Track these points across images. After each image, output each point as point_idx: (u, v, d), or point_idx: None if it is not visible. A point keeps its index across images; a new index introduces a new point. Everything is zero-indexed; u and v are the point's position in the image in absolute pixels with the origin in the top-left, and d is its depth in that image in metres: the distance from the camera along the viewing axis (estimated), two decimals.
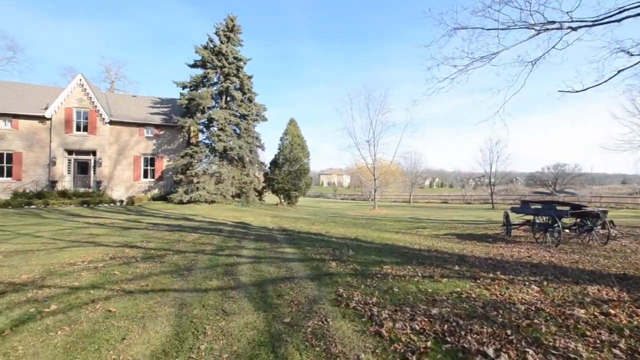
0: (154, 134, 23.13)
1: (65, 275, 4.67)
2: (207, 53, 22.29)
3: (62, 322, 3.14)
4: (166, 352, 2.62)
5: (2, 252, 6.14)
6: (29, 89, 23.00)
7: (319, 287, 4.33)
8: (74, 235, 8.17)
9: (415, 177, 46.58)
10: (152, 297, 3.83)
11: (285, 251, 6.84)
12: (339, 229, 11.79)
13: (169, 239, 7.86)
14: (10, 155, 19.71)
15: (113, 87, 42.86)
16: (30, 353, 2.58)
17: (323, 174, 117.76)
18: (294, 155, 28.13)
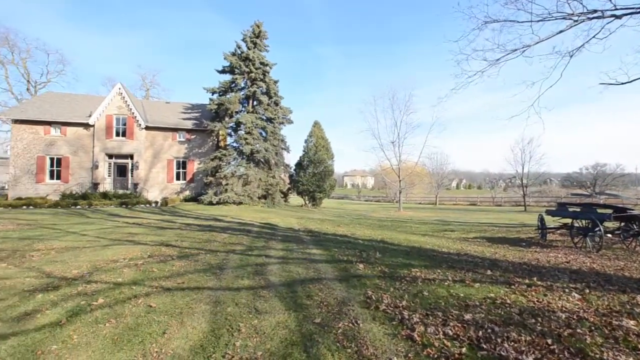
0: (186, 138, 24.08)
1: (110, 272, 4.97)
2: (235, 59, 22.92)
3: (109, 315, 3.36)
4: (204, 347, 2.73)
5: (55, 248, 6.64)
6: (75, 98, 24.73)
7: (348, 289, 4.33)
8: (115, 234, 8.67)
9: (441, 178, 45.32)
10: (188, 294, 3.99)
11: (312, 252, 6.89)
12: (365, 230, 11.70)
13: (201, 239, 8.16)
14: (60, 159, 21.26)
15: (148, 95, 45.09)
16: (83, 342, 2.78)
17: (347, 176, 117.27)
18: (319, 157, 28.27)
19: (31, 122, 20.70)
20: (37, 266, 5.23)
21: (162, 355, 2.59)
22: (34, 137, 20.77)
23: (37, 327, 3.06)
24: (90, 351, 2.65)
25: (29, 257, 5.89)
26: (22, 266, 5.23)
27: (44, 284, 4.34)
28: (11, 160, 20.55)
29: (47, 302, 3.68)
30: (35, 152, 20.79)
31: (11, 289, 4.11)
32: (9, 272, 4.90)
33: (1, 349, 2.67)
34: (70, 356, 2.57)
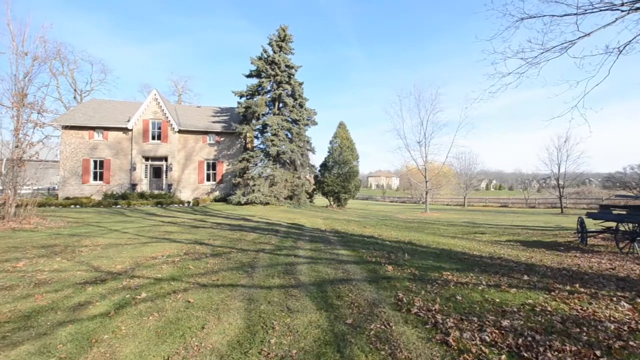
0: (215, 140, 24.88)
1: (150, 267, 5.24)
2: (262, 63, 23.41)
3: (151, 308, 3.54)
4: (240, 343, 2.81)
5: (100, 245, 7.10)
6: (115, 104, 26.31)
7: (378, 291, 4.29)
8: (153, 232, 9.12)
9: (469, 179, 43.68)
10: (223, 291, 4.13)
11: (340, 253, 6.88)
12: (391, 232, 11.52)
13: (232, 238, 8.39)
14: (102, 162, 22.70)
15: (180, 100, 47.06)
16: (131, 333, 2.96)
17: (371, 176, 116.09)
18: (344, 158, 28.21)
19: (77, 128, 22.26)
20: (86, 261, 5.61)
21: (202, 349, 2.70)
22: (80, 142, 22.31)
23: (90, 317, 3.29)
24: (137, 342, 2.81)
25: (78, 252, 6.34)
26: (74, 260, 5.64)
27: (93, 277, 4.66)
28: (61, 163, 22.19)
29: (97, 295, 3.94)
30: (81, 155, 22.32)
31: (66, 281, 4.44)
32: (63, 265, 5.30)
33: (62, 334, 2.90)
34: (120, 345, 2.74)
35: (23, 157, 10.64)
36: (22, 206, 10.55)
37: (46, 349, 2.68)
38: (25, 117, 10.73)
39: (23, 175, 10.91)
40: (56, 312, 3.42)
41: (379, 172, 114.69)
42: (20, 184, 10.73)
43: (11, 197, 10.18)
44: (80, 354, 2.60)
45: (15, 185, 10.37)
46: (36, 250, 6.47)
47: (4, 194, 10.77)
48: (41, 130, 11.74)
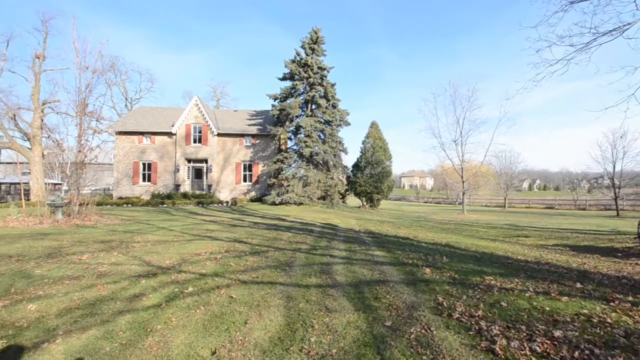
0: (251, 142, 25.69)
1: (195, 263, 5.53)
2: (295, 66, 23.79)
3: (198, 302, 3.74)
4: (281, 339, 2.88)
5: (150, 241, 7.62)
6: (161, 111, 28.11)
7: (416, 294, 4.18)
8: (196, 230, 9.61)
9: (510, 179, 40.99)
10: (263, 288, 4.25)
11: (375, 254, 6.80)
12: (427, 233, 11.17)
13: (269, 237, 8.61)
14: (150, 164, 24.38)
15: (219, 104, 49.18)
16: (180, 325, 3.14)
17: (404, 177, 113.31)
18: (376, 158, 27.83)
19: (129, 133, 24.08)
20: (139, 255, 6.05)
21: (246, 343, 2.80)
22: (130, 146, 24.12)
23: (144, 308, 3.55)
24: (186, 333, 2.98)
25: (132, 247, 6.86)
26: (128, 255, 6.11)
27: (145, 271, 5.01)
28: (115, 165, 24.13)
29: (149, 287, 4.23)
30: (132, 159, 24.11)
31: (122, 274, 4.83)
32: (119, 259, 5.76)
33: (122, 322, 3.16)
34: (171, 336, 2.92)
35: (84, 161, 11.72)
36: (84, 205, 11.62)
37: (109, 334, 2.93)
38: (86, 124, 11.81)
39: (84, 177, 12.01)
40: (116, 302, 3.73)
41: (412, 172, 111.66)
42: (82, 185, 11.82)
43: (75, 196, 11.26)
44: (138, 342, 2.82)
45: (78, 186, 11.45)
46: (96, 244, 7.10)
47: (70, 194, 11.92)
48: (99, 136, 12.89)
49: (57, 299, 3.81)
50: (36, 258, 5.81)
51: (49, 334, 2.94)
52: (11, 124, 24.35)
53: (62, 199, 11.50)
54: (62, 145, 13.92)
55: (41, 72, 23.62)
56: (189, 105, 24.88)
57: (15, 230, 9.17)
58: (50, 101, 24.38)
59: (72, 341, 2.81)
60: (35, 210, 11.68)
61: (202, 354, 2.63)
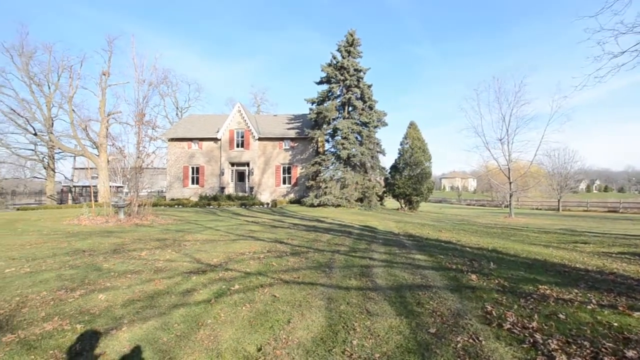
0: (290, 146, 26.26)
1: (239, 262, 5.77)
2: (331, 69, 23.91)
3: (243, 300, 3.89)
4: (324, 340, 2.89)
5: (199, 240, 8.10)
6: (207, 118, 29.83)
7: (461, 300, 3.96)
8: (239, 231, 10.03)
9: (565, 180, 37.09)
10: (304, 289, 4.31)
11: (416, 258, 6.57)
12: (471, 237, 10.55)
13: (308, 238, 8.71)
14: (198, 168, 25.99)
15: (259, 110, 51.00)
16: (228, 320, 3.29)
17: (445, 178, 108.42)
18: (415, 159, 26.93)
19: (179, 140, 25.88)
20: (190, 253, 6.46)
21: (290, 342, 2.85)
22: (181, 151, 25.88)
23: (196, 302, 3.77)
24: (234, 329, 3.11)
25: (183, 245, 7.34)
26: (180, 252, 6.55)
27: (196, 268, 5.33)
28: (167, 170, 26.07)
29: (200, 284, 4.49)
30: (182, 163, 25.85)
31: (175, 270, 5.18)
32: (173, 256, 6.20)
33: (177, 315, 3.40)
34: (220, 330, 3.07)
35: (142, 166, 12.81)
36: (142, 206, 12.68)
37: (166, 326, 3.16)
38: (143, 132, 12.91)
39: (142, 181, 13.12)
40: (171, 296, 4.01)
41: (453, 173, 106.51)
42: (140, 187, 12.93)
43: (135, 198, 12.33)
44: (191, 334, 3.00)
45: (137, 188, 12.53)
46: (153, 242, 7.71)
47: (130, 195, 13.09)
48: (154, 142, 14.02)
49: (122, 290, 4.19)
50: (104, 253, 6.45)
51: (116, 322, 3.25)
52: (83, 134, 27.43)
53: (123, 200, 12.68)
54: (124, 151, 15.37)
55: (107, 87, 26.33)
56: (232, 112, 26.11)
57: (86, 228, 10.27)
58: (113, 112, 27.07)
59: (135, 330, 3.07)
60: (102, 210, 13.00)
61: (249, 350, 2.73)
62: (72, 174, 39.18)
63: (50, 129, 28.12)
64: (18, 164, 33.75)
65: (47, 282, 4.53)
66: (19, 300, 3.83)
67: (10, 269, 5.26)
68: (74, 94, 27.41)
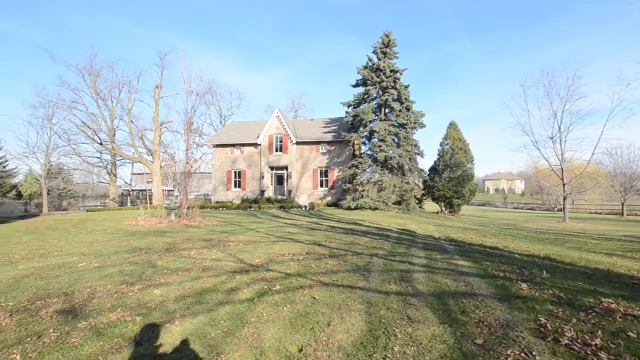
0: (327, 149, 26.42)
1: (280, 263, 5.91)
2: (367, 72, 23.69)
3: (284, 300, 3.97)
4: (364, 344, 2.85)
5: (242, 241, 8.44)
6: (248, 124, 31.10)
7: (511, 311, 3.68)
8: (279, 233, 10.27)
9: (629, 181, 32.65)
10: (343, 292, 4.28)
11: (459, 264, 6.23)
12: (519, 243, 9.76)
13: (346, 241, 8.67)
14: (239, 172, 27.16)
15: (297, 115, 52.03)
16: (270, 319, 3.38)
17: (488, 180, 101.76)
18: (456, 161, 25.66)
19: (223, 146, 27.26)
20: (233, 253, 6.75)
21: (330, 344, 2.85)
22: (224, 157, 27.24)
23: (240, 301, 3.93)
24: (276, 328, 3.19)
25: (227, 246, 7.69)
26: (225, 252, 6.87)
27: (239, 267, 5.55)
28: (212, 174, 27.57)
29: (243, 283, 4.67)
30: (226, 168, 27.19)
31: (221, 269, 5.44)
32: (218, 256, 6.53)
33: (223, 312, 3.56)
34: (263, 329, 3.16)
35: (190, 171, 13.69)
36: (190, 208, 13.53)
37: (213, 322, 3.32)
38: (191, 140, 13.80)
39: (190, 184, 14.01)
40: (217, 293, 4.21)
41: (497, 175, 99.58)
42: (188, 191, 13.81)
43: (184, 201, 13.20)
44: (236, 331, 3.12)
45: (186, 192, 13.40)
46: (201, 242, 8.18)
47: (179, 198, 14.04)
48: (200, 149, 14.95)
49: (174, 287, 4.49)
50: (158, 251, 6.98)
51: (169, 315, 3.48)
52: (140, 143, 30.02)
53: (174, 203, 13.63)
54: (174, 158, 16.57)
55: (159, 98, 28.59)
56: (271, 118, 26.94)
57: (143, 228, 11.19)
58: (166, 122, 29.31)
59: (186, 324, 3.27)
60: (156, 212, 14.09)
61: (290, 350, 2.77)
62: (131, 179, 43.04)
63: (112, 138, 31.20)
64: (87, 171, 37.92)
65: (112, 277, 5.00)
66: (89, 292, 4.27)
67: (82, 264, 5.89)
68: (132, 107, 30.19)
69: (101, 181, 40.08)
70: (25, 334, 3.06)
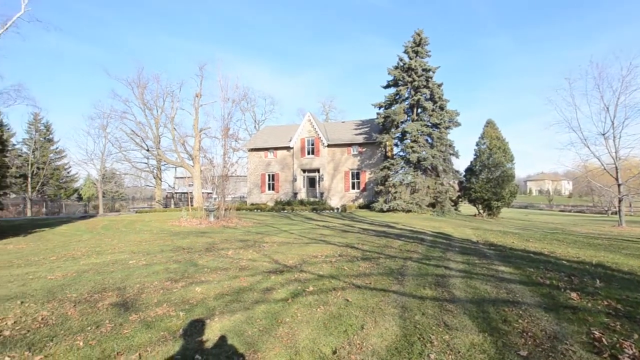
0: (358, 151, 26.23)
1: (313, 265, 5.95)
2: (398, 72, 23.21)
3: (317, 301, 3.99)
4: (399, 350, 2.78)
5: (276, 242, 8.63)
6: (281, 128, 31.81)
7: (559, 322, 3.40)
8: (312, 234, 10.36)
9: None
10: (376, 295, 4.22)
11: (500, 269, 5.87)
12: (568, 249, 8.96)
13: (379, 244, 8.53)
14: (273, 175, 27.84)
15: (328, 117, 52.32)
16: (305, 320, 3.42)
17: (531, 180, 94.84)
18: (494, 161, 24.18)
19: (257, 150, 28.10)
20: (268, 254, 6.92)
21: (364, 348, 2.82)
22: (259, 160, 28.06)
23: (275, 300, 4.02)
24: (310, 329, 3.22)
25: (262, 246, 7.91)
26: (260, 253, 7.07)
27: (274, 268, 5.68)
28: (247, 177, 28.54)
29: (278, 283, 4.77)
30: (260, 171, 27.99)
31: (256, 269, 5.61)
32: (254, 256, 6.73)
33: (259, 311, 3.67)
34: (297, 329, 3.21)
35: (227, 174, 14.28)
36: (228, 210, 14.10)
37: (250, 320, 3.43)
38: (228, 145, 14.41)
39: (227, 187, 14.61)
40: (253, 293, 4.34)
41: (541, 175, 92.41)
42: (226, 193, 14.40)
43: (222, 203, 13.79)
44: (271, 330, 3.20)
45: (223, 194, 14.00)
46: (237, 243, 8.49)
47: (217, 201, 14.68)
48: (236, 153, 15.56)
49: (213, 285, 4.70)
50: (199, 251, 7.35)
51: (210, 312, 3.65)
52: (182, 148, 31.90)
53: (213, 205, 14.29)
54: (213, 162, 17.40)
55: (199, 106, 30.20)
56: (302, 122, 27.33)
57: (185, 229, 11.84)
58: (204, 128, 30.91)
59: (224, 321, 3.41)
60: (196, 213, 14.86)
61: (324, 351, 2.78)
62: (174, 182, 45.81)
63: (158, 145, 33.48)
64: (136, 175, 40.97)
65: (158, 274, 5.35)
66: (139, 287, 4.61)
67: (133, 261, 6.38)
68: (175, 115, 32.22)
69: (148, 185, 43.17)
70: (86, 323, 3.38)
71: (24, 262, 6.56)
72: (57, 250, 8.05)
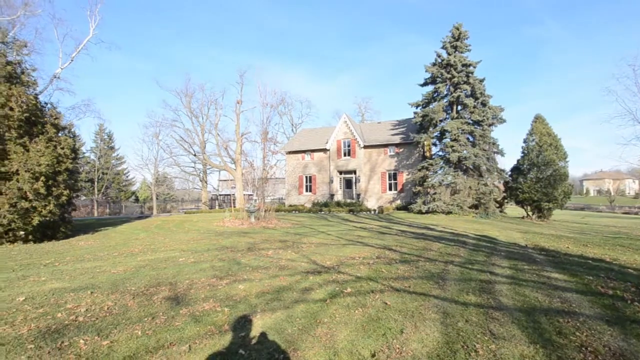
0: (395, 152, 25.61)
1: (350, 266, 5.94)
2: (436, 69, 22.28)
3: (355, 303, 3.97)
4: (440, 357, 2.68)
5: (314, 243, 8.74)
6: (317, 131, 32.13)
7: (625, 338, 3.03)
8: (349, 236, 10.32)
9: None
10: (416, 299, 4.09)
11: (552, 276, 5.37)
12: (634, 256, 7.90)
13: (418, 246, 8.25)
14: (310, 177, 28.20)
15: (363, 118, 51.77)
16: (343, 321, 3.43)
17: (587, 180, 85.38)
18: (544, 159, 22.06)
19: (295, 152, 28.67)
20: (307, 255, 7.03)
21: (404, 353, 2.75)
22: (296, 162, 28.60)
23: (314, 300, 4.07)
24: (348, 330, 3.21)
25: (301, 247, 8.05)
26: (299, 253, 7.20)
27: (312, 268, 5.76)
28: (286, 179, 29.19)
29: (316, 283, 4.83)
30: (297, 173, 28.51)
31: (295, 269, 5.73)
32: (293, 256, 6.88)
33: (298, 310, 3.75)
34: (336, 330, 3.22)
35: (267, 176, 14.75)
36: (267, 211, 14.56)
37: (290, 318, 3.52)
38: (267, 148, 14.89)
39: (267, 189, 15.09)
40: (292, 292, 4.44)
41: (600, 174, 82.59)
42: (265, 195, 14.89)
43: (262, 204, 14.28)
44: (310, 329, 3.25)
45: (263, 196, 14.49)
46: (277, 243, 8.73)
47: (257, 202, 15.22)
48: (275, 156, 16.02)
49: (255, 283, 4.89)
50: (241, 250, 7.68)
51: (252, 309, 3.81)
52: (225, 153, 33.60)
53: (253, 206, 14.85)
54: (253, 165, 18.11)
55: (240, 112, 31.60)
56: (338, 123, 27.36)
57: (228, 229, 12.44)
58: (245, 133, 32.27)
59: (266, 319, 3.53)
60: (239, 214, 15.54)
61: (363, 354, 2.76)
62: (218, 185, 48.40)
63: (203, 150, 35.62)
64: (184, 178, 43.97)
65: (205, 271, 5.69)
66: (188, 283, 4.94)
67: (182, 259, 6.85)
68: (218, 121, 34.08)
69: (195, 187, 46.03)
70: (144, 314, 3.70)
71: (92, 257, 7.36)
72: (119, 247, 8.91)
